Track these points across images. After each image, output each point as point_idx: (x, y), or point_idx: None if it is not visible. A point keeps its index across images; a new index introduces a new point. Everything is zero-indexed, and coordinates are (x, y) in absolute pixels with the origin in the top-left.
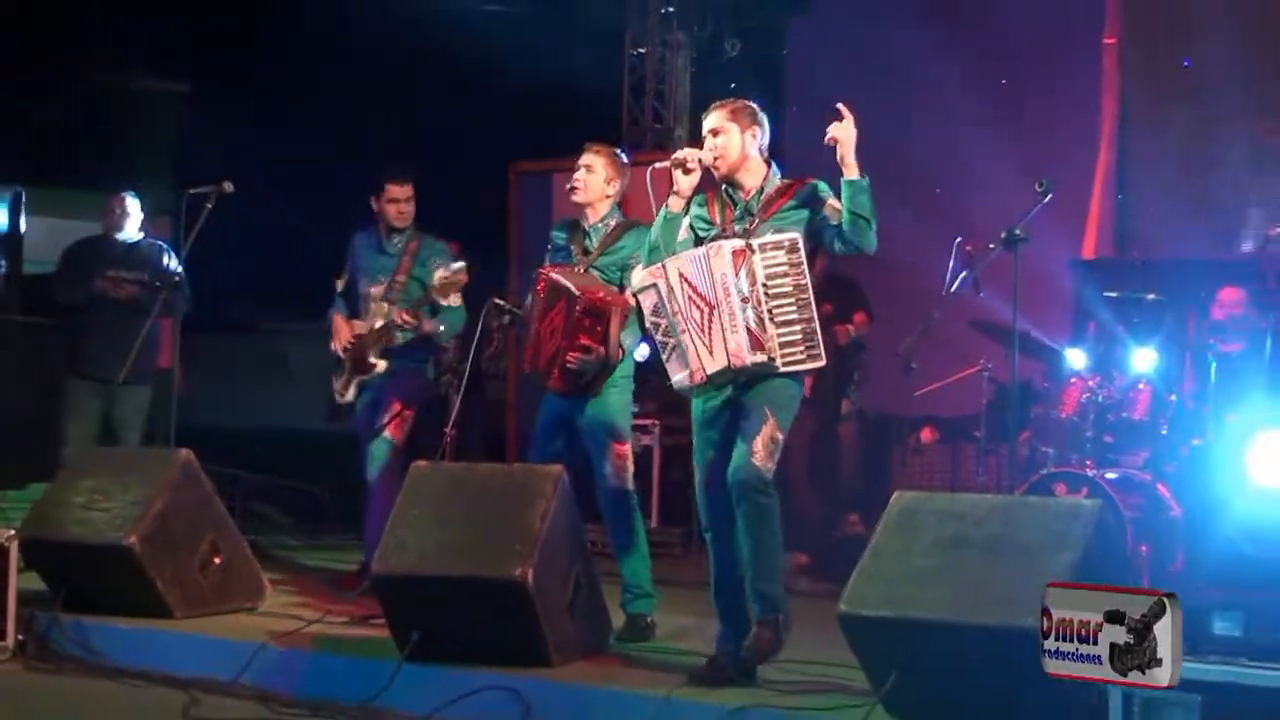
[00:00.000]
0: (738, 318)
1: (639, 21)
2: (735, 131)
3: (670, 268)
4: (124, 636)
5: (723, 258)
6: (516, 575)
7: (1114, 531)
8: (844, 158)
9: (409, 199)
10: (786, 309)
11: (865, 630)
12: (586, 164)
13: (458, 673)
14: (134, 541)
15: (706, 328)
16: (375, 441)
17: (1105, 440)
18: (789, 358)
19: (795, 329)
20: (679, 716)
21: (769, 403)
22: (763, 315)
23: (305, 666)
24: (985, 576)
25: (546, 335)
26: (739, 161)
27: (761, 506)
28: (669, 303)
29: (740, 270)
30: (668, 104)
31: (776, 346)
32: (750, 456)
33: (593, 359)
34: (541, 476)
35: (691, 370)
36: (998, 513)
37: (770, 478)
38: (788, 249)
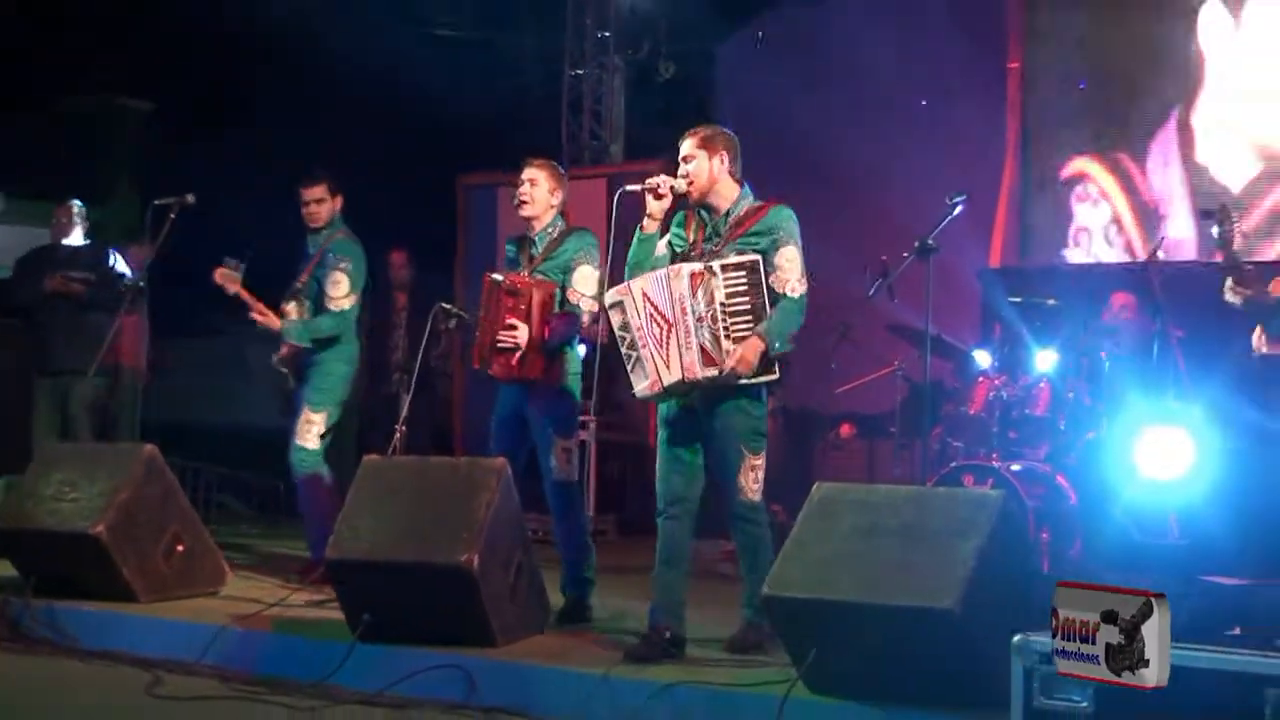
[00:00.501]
0: (692, 336)
1: (577, 45)
2: (704, 158)
3: (635, 286)
4: (92, 620)
5: (681, 280)
6: (462, 561)
7: (1017, 519)
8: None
9: (318, 200)
10: (743, 326)
11: (788, 610)
12: (530, 178)
13: (407, 652)
14: (101, 531)
15: (665, 343)
16: (291, 449)
17: (1009, 435)
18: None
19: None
20: (615, 692)
21: (740, 439)
22: (718, 333)
23: (263, 647)
24: (898, 561)
25: (487, 328)
26: (708, 186)
27: (755, 535)
28: (633, 318)
29: (698, 291)
30: (604, 122)
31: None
32: (738, 494)
33: (518, 334)
34: (486, 470)
35: (650, 381)
36: (910, 502)
37: (759, 501)
38: (749, 269)
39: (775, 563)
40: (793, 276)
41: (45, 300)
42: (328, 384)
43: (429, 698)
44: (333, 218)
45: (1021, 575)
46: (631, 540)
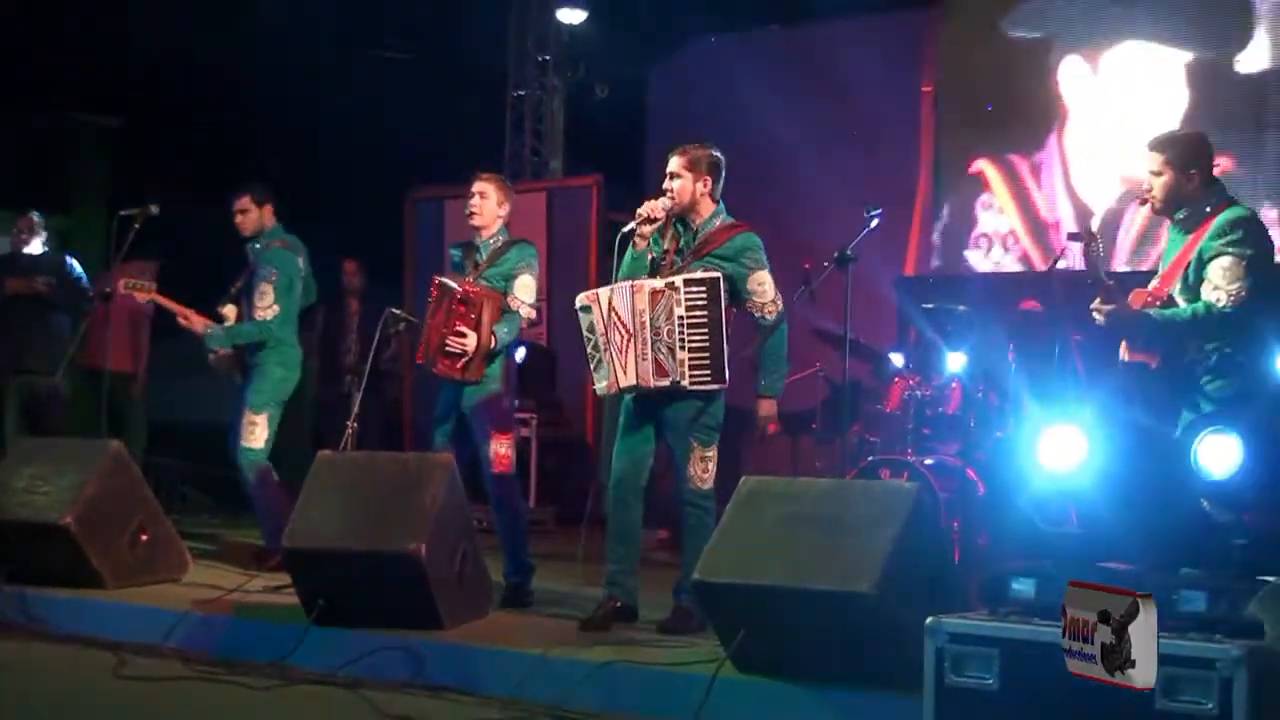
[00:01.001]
0: (649, 348)
1: (519, 68)
2: (689, 179)
3: (604, 296)
4: (62, 605)
5: (643, 295)
6: (411, 549)
7: (930, 510)
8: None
9: (243, 210)
10: (700, 338)
11: (716, 595)
12: (480, 191)
13: (359, 635)
14: (70, 521)
15: (624, 350)
16: (239, 450)
17: (924, 432)
18: (697, 379)
19: (705, 355)
20: (555, 671)
21: (691, 432)
22: (673, 345)
23: (223, 630)
24: (820, 548)
25: (434, 328)
26: (688, 204)
27: (699, 517)
28: (599, 323)
29: (657, 307)
30: (544, 139)
31: (686, 371)
32: (686, 482)
33: (467, 342)
34: (433, 464)
35: (609, 382)
36: (831, 494)
37: (708, 490)
38: (709, 285)
39: (705, 550)
40: (766, 299)
41: (8, 302)
42: (266, 386)
43: (380, 677)
44: (262, 227)
45: (934, 562)
46: (569, 530)
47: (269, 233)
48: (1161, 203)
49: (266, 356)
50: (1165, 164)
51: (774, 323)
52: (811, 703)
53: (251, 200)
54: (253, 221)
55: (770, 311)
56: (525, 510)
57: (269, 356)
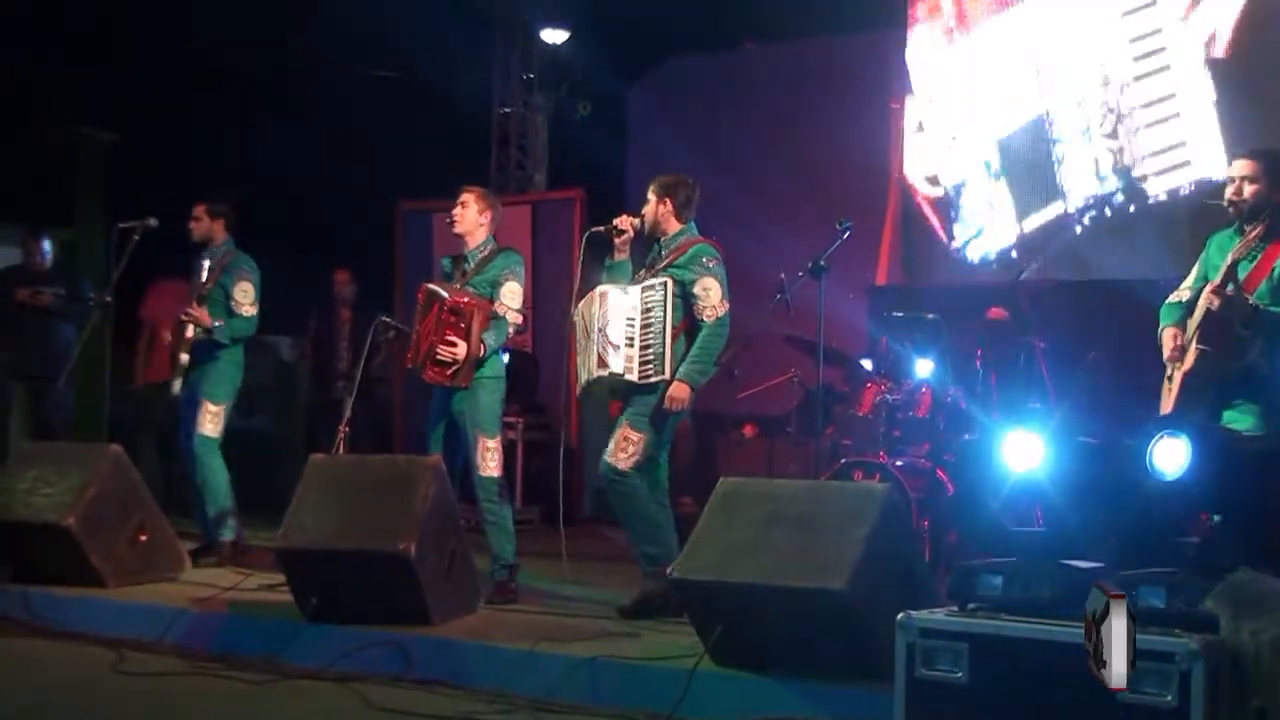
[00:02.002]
0: (593, 345)
1: (505, 86)
2: (653, 202)
3: (580, 307)
4: (63, 603)
5: (594, 300)
6: (401, 549)
7: (901, 509)
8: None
9: (196, 218)
10: (649, 336)
11: (695, 592)
12: (462, 201)
13: (351, 631)
14: (71, 522)
15: (587, 350)
16: (195, 439)
17: (895, 434)
18: (644, 373)
19: (650, 352)
20: (541, 665)
21: (627, 418)
22: (619, 341)
23: (219, 627)
24: (795, 547)
25: (424, 335)
26: (653, 223)
27: (618, 492)
28: (575, 332)
29: (602, 306)
30: (529, 154)
31: (635, 365)
32: (606, 455)
33: (457, 350)
34: (422, 467)
35: (579, 381)
36: (806, 494)
37: (623, 467)
38: (659, 288)
39: (684, 549)
40: (709, 303)
41: (15, 312)
42: (225, 381)
43: (371, 672)
44: (211, 237)
45: (905, 559)
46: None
47: (225, 243)
48: (1249, 209)
49: (223, 354)
50: (1262, 173)
51: (712, 325)
52: (787, 695)
53: (205, 211)
54: (203, 230)
55: (709, 315)
56: (510, 511)
57: (226, 355)
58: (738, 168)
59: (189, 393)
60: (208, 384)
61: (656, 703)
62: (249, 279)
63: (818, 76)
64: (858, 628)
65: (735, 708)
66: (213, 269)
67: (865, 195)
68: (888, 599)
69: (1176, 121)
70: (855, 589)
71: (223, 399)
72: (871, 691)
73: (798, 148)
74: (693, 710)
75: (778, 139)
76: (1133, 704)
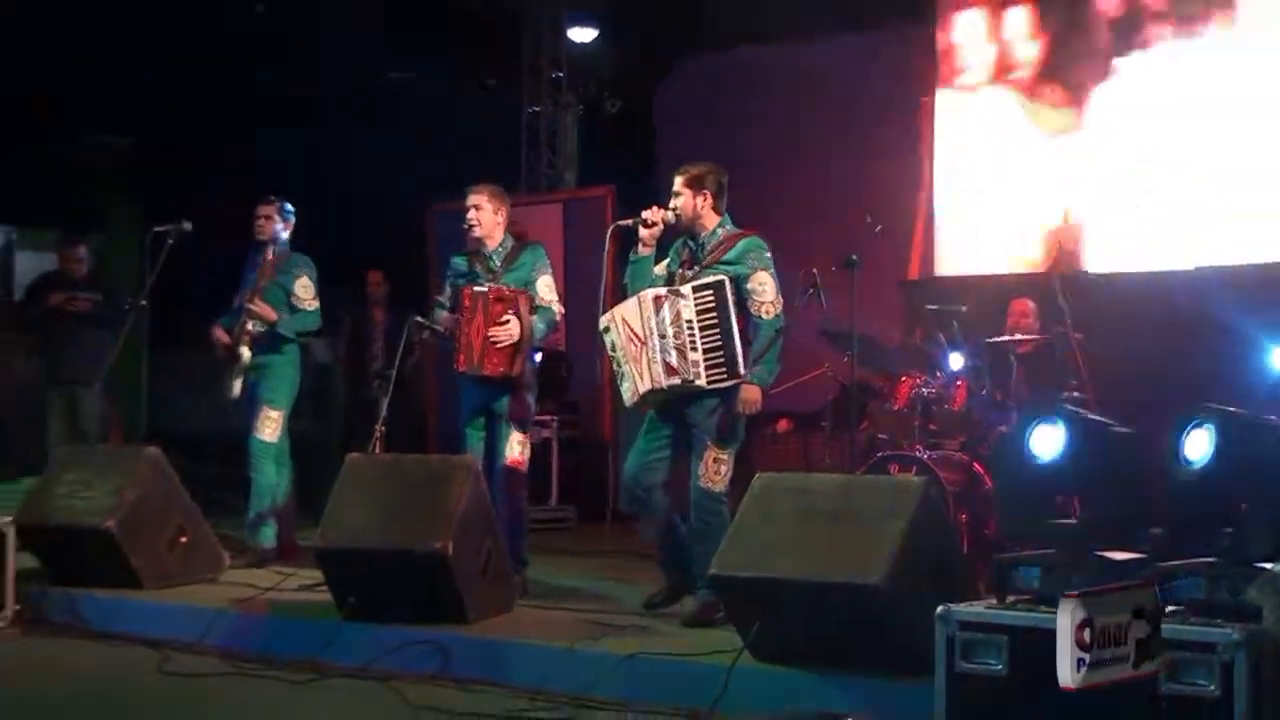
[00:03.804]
0: (657, 351)
1: (534, 85)
2: (689, 195)
3: (617, 314)
4: (105, 605)
5: (647, 304)
6: (438, 548)
7: (938, 502)
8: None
9: (267, 217)
10: (712, 338)
11: (733, 588)
12: (475, 204)
13: (389, 630)
14: (112, 525)
15: (639, 359)
16: (251, 441)
17: (930, 427)
18: (714, 377)
19: (720, 354)
20: (580, 663)
21: (706, 432)
22: (683, 346)
23: (259, 627)
24: (831, 541)
25: (475, 334)
26: (691, 218)
27: (715, 512)
28: (617, 340)
29: (661, 312)
30: (559, 153)
31: (701, 370)
32: (698, 479)
33: (511, 328)
34: (457, 466)
35: (631, 392)
36: (841, 489)
37: (718, 491)
38: (715, 288)
39: (721, 544)
40: (766, 299)
41: (52, 317)
42: (283, 386)
43: (409, 671)
44: (277, 236)
45: (943, 553)
46: (590, 526)
47: (284, 243)
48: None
49: (283, 355)
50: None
51: (771, 321)
52: (825, 689)
53: (278, 210)
54: (273, 229)
55: (768, 311)
56: (526, 507)
57: (286, 355)
58: (767, 163)
59: (249, 394)
60: (266, 387)
61: (696, 698)
62: (308, 275)
63: (848, 71)
64: (896, 622)
65: (774, 703)
66: (265, 268)
67: (896, 189)
68: (925, 592)
69: None
70: (893, 583)
71: (282, 404)
72: (911, 685)
73: (828, 143)
74: (732, 706)
75: (808, 134)
76: (1174, 695)
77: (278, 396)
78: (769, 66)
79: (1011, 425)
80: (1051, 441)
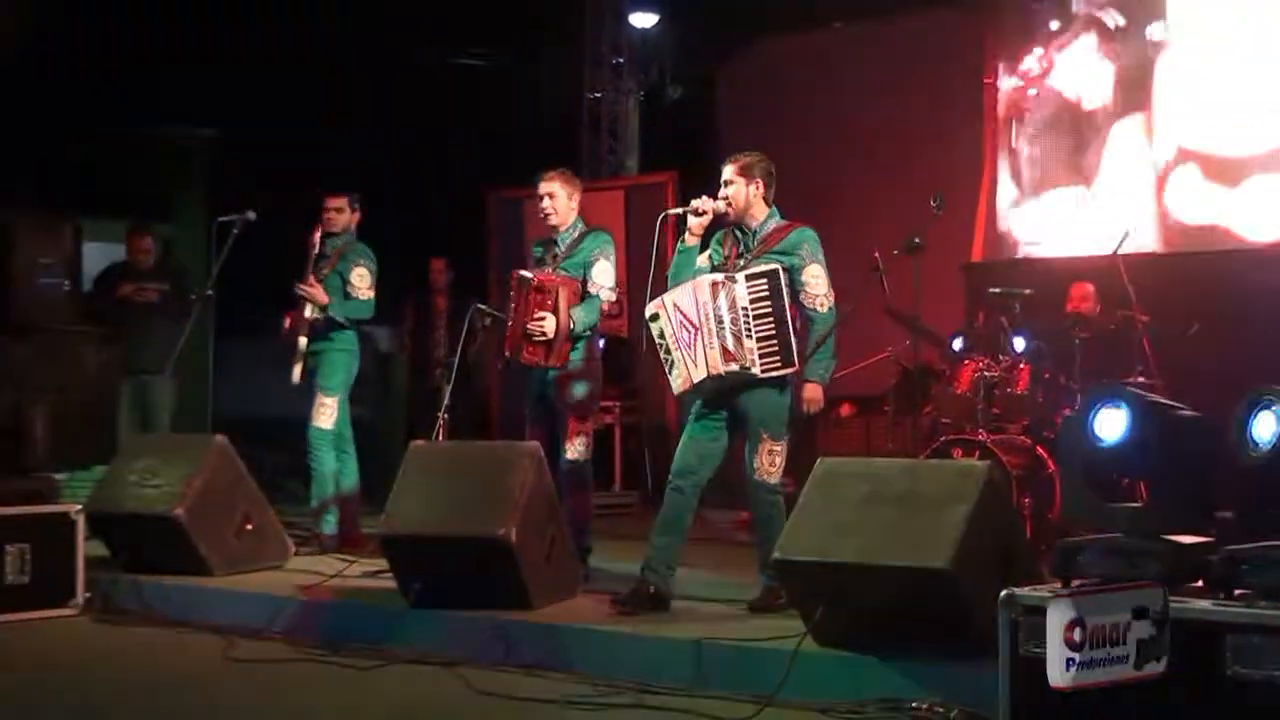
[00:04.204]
0: (714, 337)
1: (595, 70)
2: (742, 184)
3: (668, 300)
4: (173, 592)
5: (703, 289)
6: (501, 534)
7: (1001, 486)
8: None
9: (338, 209)
10: (766, 326)
11: (796, 573)
12: (549, 192)
13: (453, 616)
14: (180, 513)
15: (693, 345)
16: (309, 430)
17: (993, 411)
18: (768, 366)
19: (773, 343)
20: (642, 648)
21: (761, 424)
22: (739, 333)
23: (325, 614)
24: (895, 526)
25: (519, 321)
26: (744, 208)
27: (773, 504)
28: (667, 327)
29: (718, 298)
30: (620, 139)
31: (755, 358)
32: (754, 473)
33: (545, 325)
34: (520, 452)
35: (683, 379)
36: (905, 473)
37: (774, 483)
38: (769, 277)
39: (784, 529)
40: (819, 292)
41: (121, 306)
42: (338, 372)
43: (474, 656)
44: (348, 227)
45: (1007, 537)
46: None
47: (348, 234)
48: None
49: (338, 342)
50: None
51: (826, 315)
52: (889, 674)
53: (348, 202)
54: (344, 221)
55: (822, 304)
56: (591, 495)
57: (341, 343)
58: (829, 148)
59: (308, 382)
60: (322, 374)
61: (760, 684)
62: (365, 266)
63: (909, 54)
64: (960, 606)
65: (838, 688)
66: (329, 256)
67: (959, 172)
68: (989, 577)
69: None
70: (957, 567)
71: (336, 390)
72: (975, 670)
73: (889, 126)
74: (796, 692)
75: (869, 118)
76: (1245, 679)
77: (332, 383)
78: (831, 50)
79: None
80: (1116, 424)
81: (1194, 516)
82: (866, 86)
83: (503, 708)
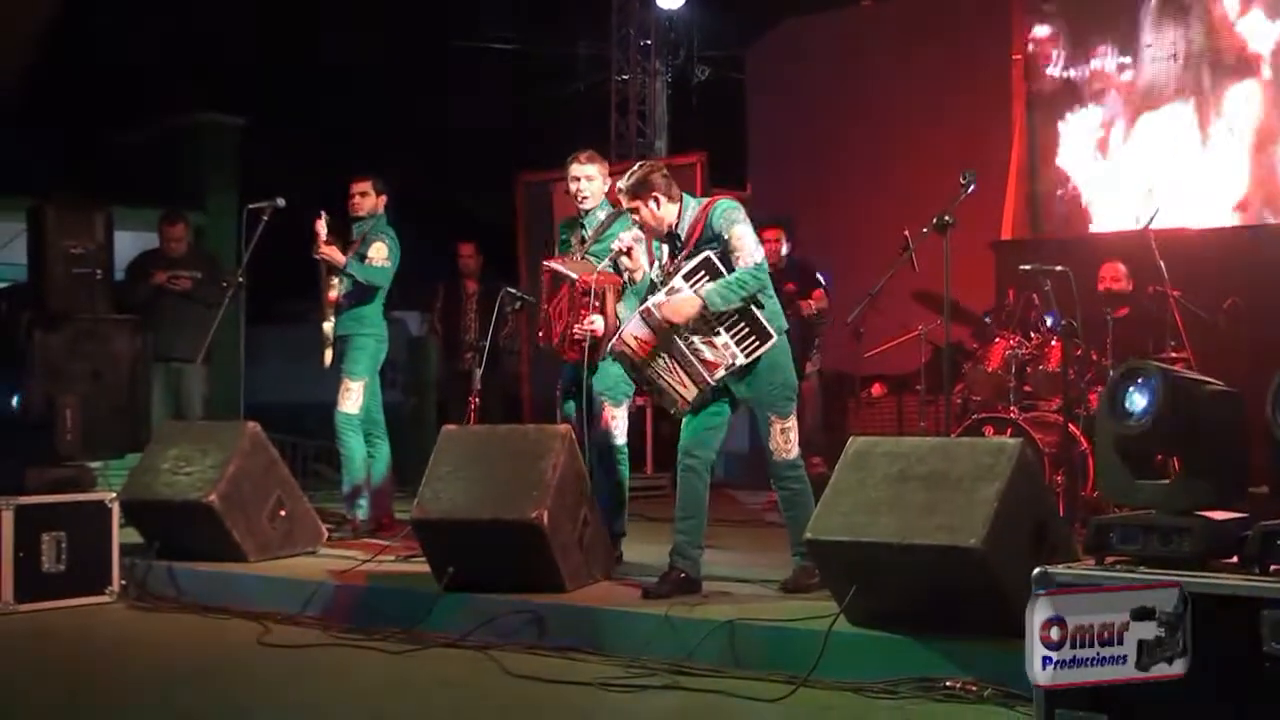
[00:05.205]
0: (687, 353)
1: (623, 53)
2: (641, 206)
3: (626, 336)
4: (207, 578)
5: (652, 315)
6: (534, 517)
7: (1034, 464)
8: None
9: (363, 193)
10: (726, 313)
11: (829, 552)
12: (586, 175)
13: (486, 600)
14: (213, 499)
15: (673, 370)
16: (336, 414)
17: (1025, 389)
18: (749, 349)
19: (742, 325)
20: (677, 630)
21: (766, 408)
22: (709, 333)
23: (358, 599)
24: (927, 505)
25: (555, 316)
26: (657, 223)
27: (793, 489)
28: (638, 360)
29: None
30: (648, 121)
31: (734, 350)
32: (773, 455)
33: (596, 327)
34: (551, 435)
35: (679, 403)
36: (936, 451)
37: (793, 459)
38: (704, 267)
39: (816, 509)
40: (744, 251)
41: (154, 294)
42: (363, 357)
43: (507, 640)
44: (374, 211)
45: (1039, 515)
46: None
47: (378, 218)
48: None
49: (357, 329)
50: None
51: (757, 269)
52: (923, 654)
53: (373, 186)
54: (369, 205)
55: (746, 263)
56: (625, 479)
57: (368, 327)
58: (856, 128)
59: (336, 366)
60: (348, 359)
61: (793, 664)
62: (385, 241)
63: (936, 33)
64: (993, 584)
65: (871, 667)
66: (355, 241)
67: (988, 149)
68: (1022, 555)
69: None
70: (990, 546)
71: (361, 374)
72: (1008, 649)
73: (917, 104)
74: (829, 672)
75: (896, 96)
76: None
77: (357, 368)
78: (858, 29)
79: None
80: (1148, 401)
81: (1227, 492)
82: (893, 65)
83: (536, 690)
